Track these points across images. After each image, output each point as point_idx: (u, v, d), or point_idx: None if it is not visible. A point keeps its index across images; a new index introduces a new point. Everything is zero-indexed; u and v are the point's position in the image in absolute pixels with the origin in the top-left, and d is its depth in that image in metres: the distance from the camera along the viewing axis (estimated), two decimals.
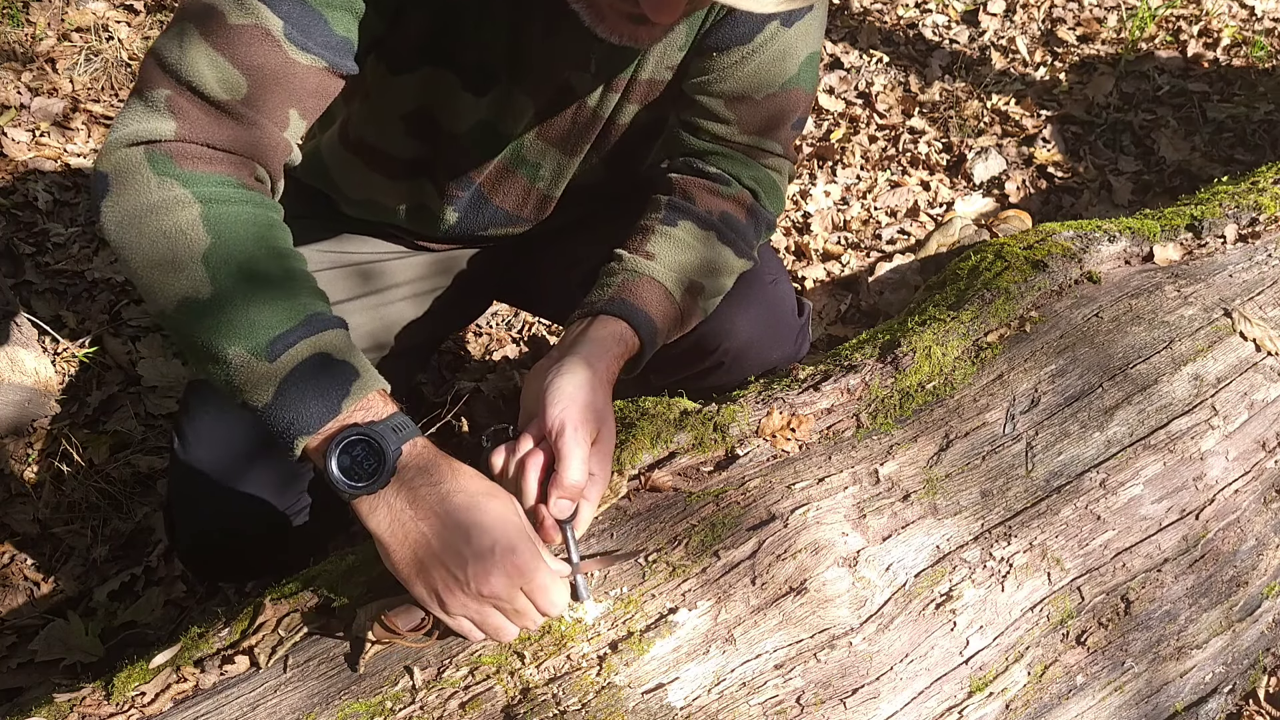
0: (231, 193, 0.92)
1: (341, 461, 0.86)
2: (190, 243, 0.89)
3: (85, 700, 0.91)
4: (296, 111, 0.97)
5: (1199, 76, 2.78)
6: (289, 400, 0.86)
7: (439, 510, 0.86)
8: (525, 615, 0.88)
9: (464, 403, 1.96)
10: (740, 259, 1.21)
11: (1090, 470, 1.14)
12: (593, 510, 0.99)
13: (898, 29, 2.98)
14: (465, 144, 1.22)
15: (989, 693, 1.01)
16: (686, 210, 1.17)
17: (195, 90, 0.91)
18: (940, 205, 2.47)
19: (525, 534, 0.89)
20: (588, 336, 1.05)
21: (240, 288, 0.88)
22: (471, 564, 0.84)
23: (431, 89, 1.16)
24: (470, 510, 0.86)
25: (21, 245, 2.14)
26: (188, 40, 0.91)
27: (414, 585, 0.88)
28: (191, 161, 0.92)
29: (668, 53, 1.17)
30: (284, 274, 0.91)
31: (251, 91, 0.92)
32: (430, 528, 0.86)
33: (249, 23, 0.91)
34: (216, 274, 0.88)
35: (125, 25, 2.69)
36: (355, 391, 0.88)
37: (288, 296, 0.90)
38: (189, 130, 0.92)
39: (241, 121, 0.93)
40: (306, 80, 0.95)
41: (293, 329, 0.88)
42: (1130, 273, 1.40)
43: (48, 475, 1.75)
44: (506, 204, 1.31)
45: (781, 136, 1.24)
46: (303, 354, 0.87)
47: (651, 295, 1.10)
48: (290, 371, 0.87)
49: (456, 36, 1.11)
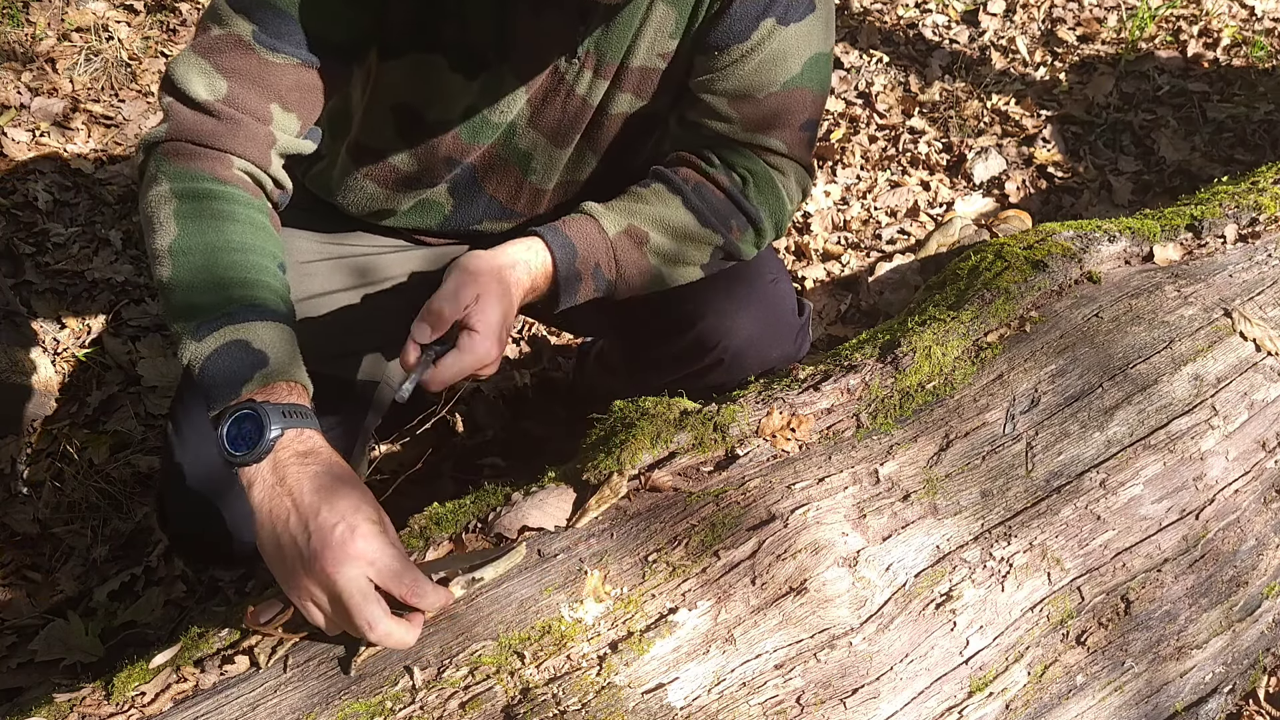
0: (207, 188, 1.03)
1: (230, 431, 0.93)
2: (165, 233, 1.02)
3: (85, 700, 0.91)
4: (278, 105, 1.08)
5: (1199, 76, 2.78)
6: (206, 375, 0.97)
7: (309, 490, 0.90)
8: (366, 602, 0.86)
9: (464, 402, 1.96)
10: (705, 229, 1.20)
11: (1090, 470, 1.14)
12: (459, 367, 1.06)
13: (898, 29, 2.99)
14: (456, 130, 1.23)
15: (989, 693, 1.01)
16: (662, 175, 1.21)
17: (183, 95, 1.05)
18: (940, 205, 2.47)
19: (379, 526, 0.89)
20: (501, 246, 1.14)
21: (189, 276, 1.00)
22: (325, 548, 0.86)
23: (421, 73, 1.18)
24: (337, 498, 0.89)
25: (21, 245, 2.14)
26: (184, 55, 1.06)
27: (269, 561, 0.91)
28: (178, 159, 1.04)
29: (659, 39, 1.18)
30: (233, 266, 1.01)
31: (231, 91, 1.05)
32: (297, 503, 0.89)
33: (225, 31, 1.05)
34: (176, 261, 1.01)
35: (125, 25, 2.70)
36: (258, 378, 0.95)
37: (226, 288, 1.00)
38: (177, 129, 1.04)
39: (221, 118, 1.05)
40: (282, 77, 1.07)
41: (219, 316, 0.98)
42: (1130, 273, 1.40)
43: (48, 475, 1.75)
44: (500, 195, 1.32)
45: (787, 137, 1.23)
46: (223, 339, 0.97)
47: (580, 226, 1.16)
48: (210, 352, 0.97)
49: (443, 16, 1.14)
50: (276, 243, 1.07)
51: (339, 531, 0.86)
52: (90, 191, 2.29)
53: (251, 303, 0.99)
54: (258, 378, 0.95)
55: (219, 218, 1.02)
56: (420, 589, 0.88)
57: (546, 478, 1.13)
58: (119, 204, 2.29)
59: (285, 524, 0.89)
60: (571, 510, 1.06)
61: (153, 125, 1.05)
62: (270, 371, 0.96)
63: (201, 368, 0.96)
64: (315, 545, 0.86)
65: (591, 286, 1.17)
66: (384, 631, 0.86)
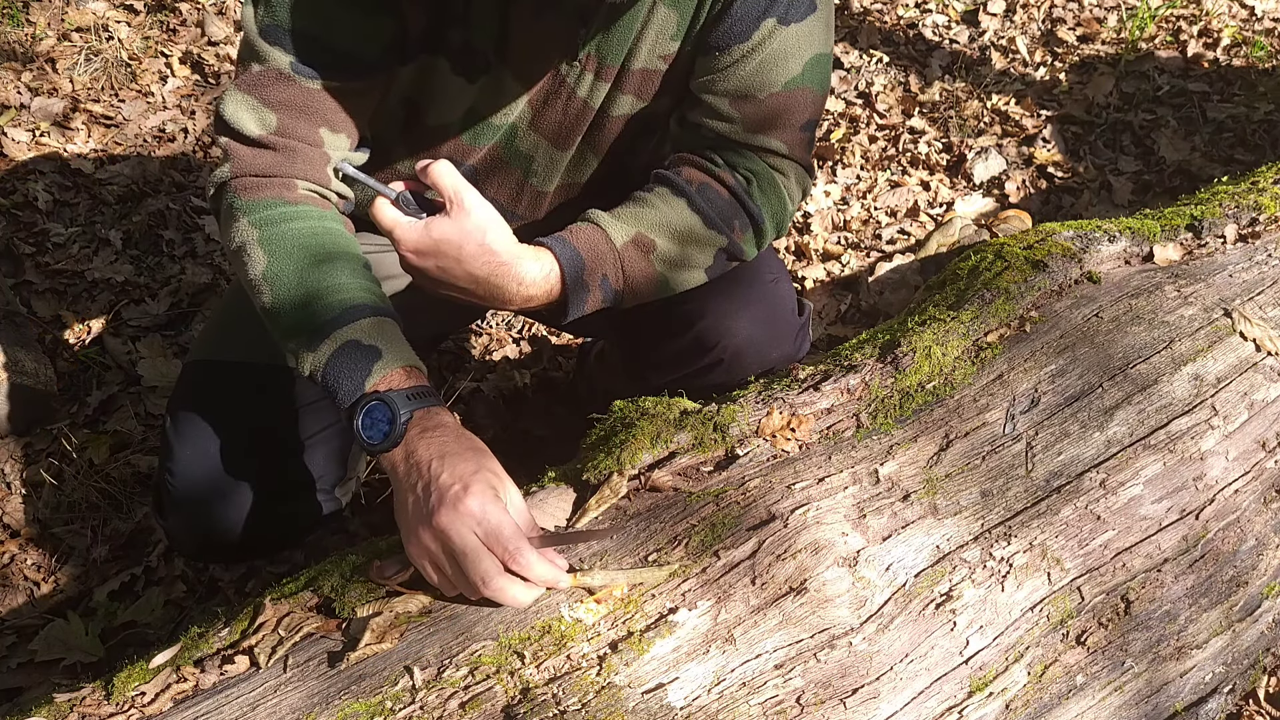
0: (281, 212, 1.09)
1: (364, 424, 1.00)
2: (256, 263, 1.08)
3: (85, 700, 0.91)
4: (326, 129, 1.12)
5: (1199, 76, 2.78)
6: (329, 379, 1.04)
7: (434, 458, 0.96)
8: (475, 557, 0.92)
9: (464, 402, 1.96)
10: (710, 230, 1.20)
11: (1090, 470, 1.14)
12: (433, 229, 1.10)
13: (898, 29, 2.99)
14: (457, 133, 1.23)
15: (989, 693, 1.01)
16: (665, 178, 1.21)
17: (238, 134, 1.09)
18: (940, 205, 2.47)
19: (494, 488, 0.95)
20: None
21: (289, 295, 1.06)
22: (433, 496, 0.94)
23: (424, 76, 1.18)
24: (454, 455, 0.96)
25: (21, 245, 2.14)
26: (229, 94, 1.10)
27: (399, 518, 0.98)
28: (248, 192, 1.09)
29: (659, 42, 1.18)
30: (325, 275, 1.07)
31: (281, 123, 1.09)
32: (423, 472, 0.96)
33: (264, 66, 1.09)
34: (273, 286, 1.07)
35: (125, 25, 2.70)
36: (376, 370, 1.02)
37: (324, 297, 1.06)
38: (239, 167, 1.10)
39: (278, 149, 1.10)
40: (325, 101, 1.11)
41: (326, 323, 1.04)
42: (1130, 273, 1.40)
43: (48, 475, 1.75)
44: (501, 197, 1.32)
45: (787, 137, 1.23)
46: (336, 343, 1.04)
47: (587, 236, 1.16)
48: (328, 359, 1.04)
49: (450, 21, 1.14)
50: (355, 244, 1.13)
51: (454, 490, 0.93)
52: (90, 191, 2.29)
53: (351, 305, 1.06)
54: (376, 370, 1.02)
55: (300, 236, 1.08)
56: (521, 556, 0.92)
57: (546, 478, 1.13)
58: (119, 204, 2.29)
59: (413, 488, 0.96)
60: (571, 510, 1.07)
61: (217, 168, 1.13)
62: (386, 362, 1.03)
63: (324, 374, 1.04)
64: (433, 503, 0.93)
65: (599, 297, 1.17)
66: (496, 588, 0.92)
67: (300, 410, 1.27)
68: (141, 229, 2.24)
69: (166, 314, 2.08)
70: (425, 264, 1.12)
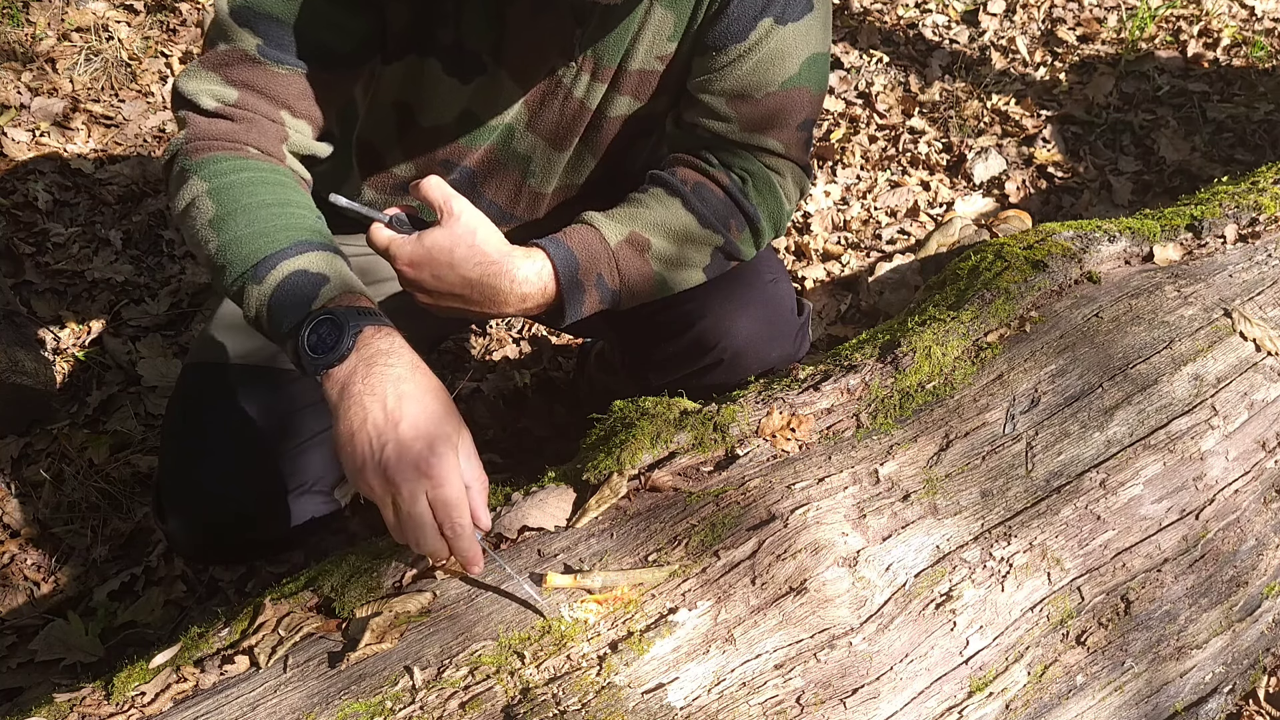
0: (232, 164, 1.07)
1: (310, 339, 0.96)
2: (204, 212, 1.05)
3: (85, 700, 0.91)
4: (287, 113, 1.12)
5: (1199, 76, 2.78)
6: (274, 308, 1.00)
7: (386, 387, 0.93)
8: (419, 523, 0.91)
9: (464, 402, 1.96)
10: (705, 229, 1.19)
11: (1090, 470, 1.14)
12: (428, 239, 1.09)
13: (898, 29, 2.98)
14: (453, 134, 1.22)
15: (989, 693, 1.01)
16: (660, 179, 1.21)
17: (195, 106, 1.09)
18: (940, 205, 2.47)
19: (453, 445, 0.93)
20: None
21: (235, 234, 1.03)
22: (390, 445, 0.90)
23: (414, 77, 1.18)
24: (413, 399, 0.92)
25: (21, 245, 2.14)
26: (191, 69, 1.10)
27: (342, 453, 0.93)
28: (200, 153, 1.07)
29: (657, 42, 1.18)
30: (273, 216, 1.05)
31: (241, 98, 1.09)
32: (373, 401, 0.92)
33: (230, 46, 1.08)
34: (219, 230, 1.04)
35: (125, 25, 2.69)
36: (324, 293, 0.99)
37: (272, 235, 1.03)
38: (195, 133, 1.09)
39: (235, 120, 1.09)
40: (289, 87, 1.10)
41: (272, 256, 1.01)
42: (1130, 273, 1.40)
43: (48, 475, 1.75)
44: (499, 198, 1.32)
45: (784, 137, 1.23)
46: (282, 273, 1.01)
47: (581, 236, 1.16)
48: (273, 288, 1.00)
49: (438, 21, 1.14)
50: (309, 198, 1.10)
51: (416, 450, 0.90)
52: (90, 191, 2.29)
53: (299, 240, 1.03)
54: (324, 293, 0.99)
55: (250, 184, 1.06)
56: (457, 533, 0.92)
57: (546, 478, 1.13)
58: (119, 204, 2.29)
59: (364, 423, 0.91)
60: (571, 510, 1.06)
61: (172, 140, 1.11)
62: (334, 286, 1.00)
63: (268, 304, 1.00)
64: (390, 455, 0.90)
65: (596, 297, 1.17)
66: (430, 550, 0.92)
67: (300, 411, 1.27)
68: (141, 229, 2.24)
69: (166, 314, 2.08)
70: (421, 275, 1.11)
